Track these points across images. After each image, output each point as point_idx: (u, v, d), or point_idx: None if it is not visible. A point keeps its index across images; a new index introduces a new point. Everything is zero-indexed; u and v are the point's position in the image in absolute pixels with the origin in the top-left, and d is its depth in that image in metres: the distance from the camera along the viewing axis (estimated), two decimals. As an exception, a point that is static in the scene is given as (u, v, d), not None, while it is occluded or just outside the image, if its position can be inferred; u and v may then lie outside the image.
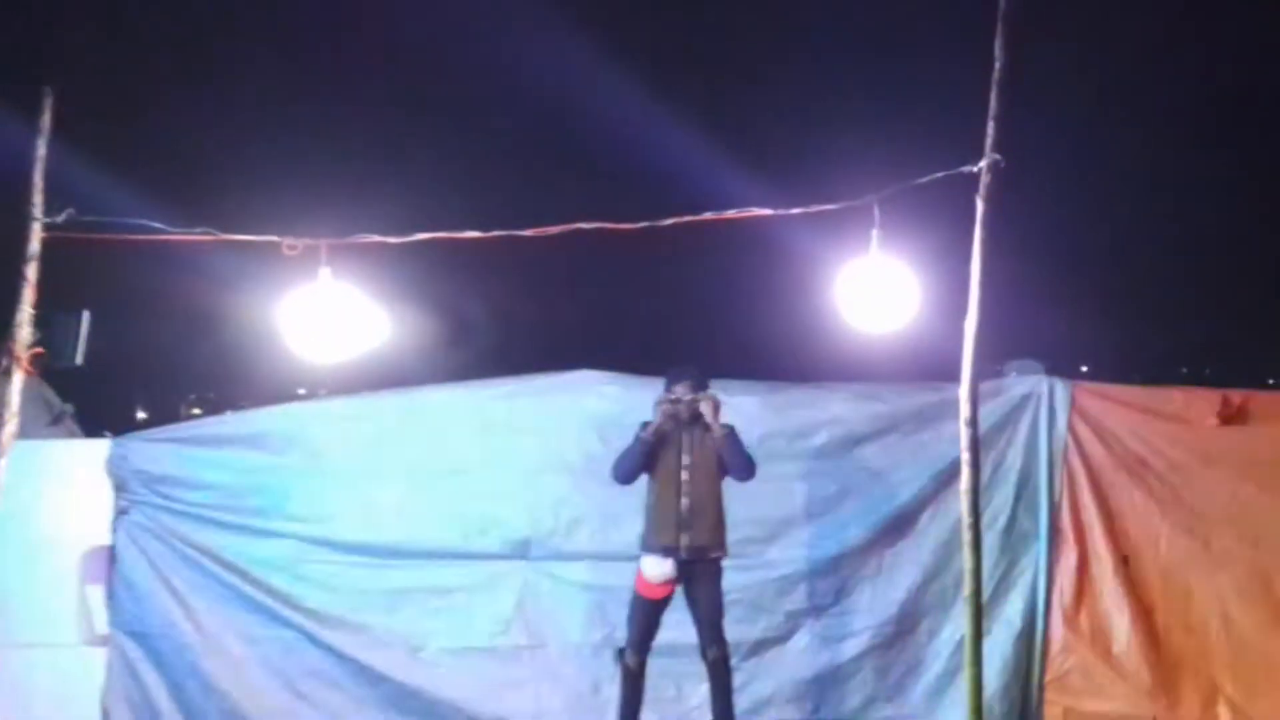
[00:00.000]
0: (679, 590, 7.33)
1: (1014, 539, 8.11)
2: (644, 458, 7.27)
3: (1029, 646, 8.08)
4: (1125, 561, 8.08)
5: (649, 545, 7.28)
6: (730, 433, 7.33)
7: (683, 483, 7.28)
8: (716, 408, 7.25)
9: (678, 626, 7.43)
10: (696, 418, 7.30)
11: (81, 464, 7.95)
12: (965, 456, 4.99)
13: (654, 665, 7.46)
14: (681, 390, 7.30)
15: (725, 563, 7.63)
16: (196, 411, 8.87)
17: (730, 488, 7.64)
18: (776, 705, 8.08)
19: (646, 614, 7.28)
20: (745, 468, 7.34)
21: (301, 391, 8.75)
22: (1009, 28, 4.86)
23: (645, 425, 7.33)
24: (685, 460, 7.28)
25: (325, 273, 5.45)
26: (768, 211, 5.30)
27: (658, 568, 7.21)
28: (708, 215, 5.27)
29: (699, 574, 7.25)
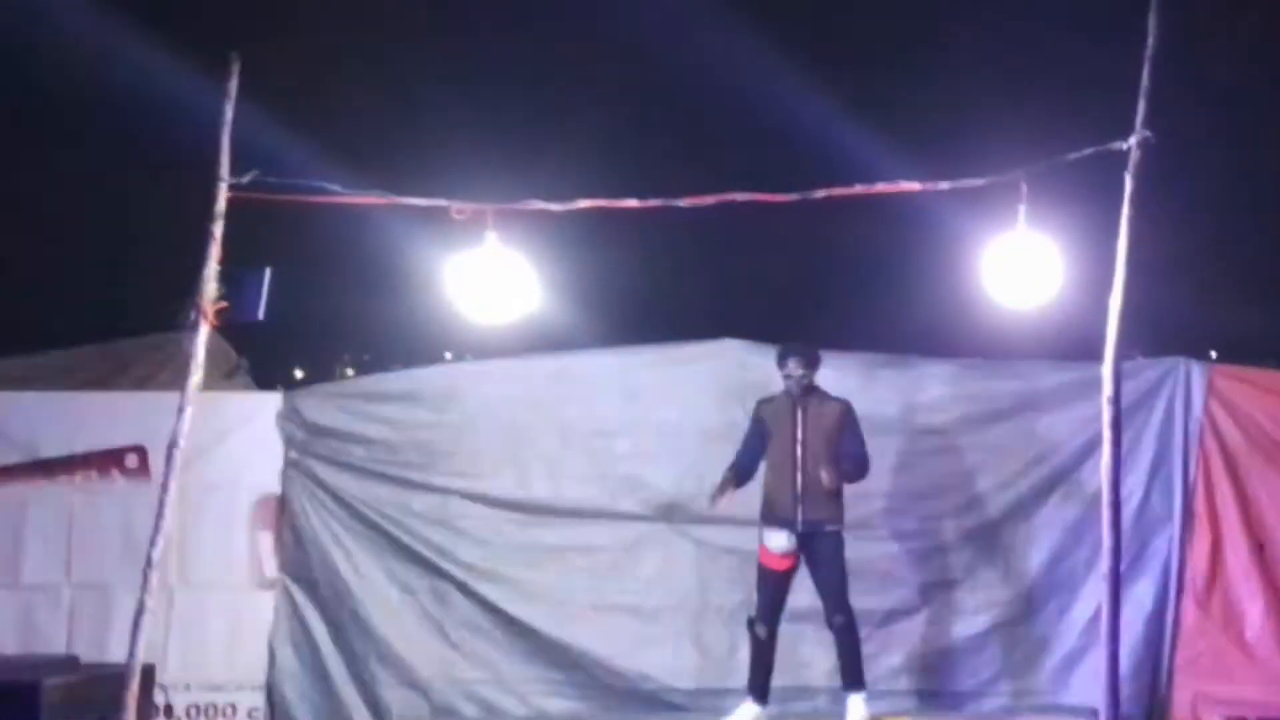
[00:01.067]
0: (802, 560, 7.27)
1: (1147, 521, 7.91)
2: (746, 464, 7.26)
3: (1160, 628, 7.88)
4: (1260, 548, 7.86)
5: (767, 518, 7.22)
6: (851, 433, 7.21)
7: (797, 459, 7.18)
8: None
9: (810, 593, 7.40)
10: (809, 391, 7.22)
11: (255, 416, 8.14)
12: (1107, 434, 4.87)
13: (785, 630, 7.44)
14: (793, 366, 7.22)
15: (860, 534, 7.59)
16: (350, 372, 9.02)
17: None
18: (905, 676, 8.00)
19: (772, 585, 7.23)
20: (859, 468, 7.22)
21: (448, 355, 8.85)
22: (1161, 2, 4.72)
23: (759, 404, 7.30)
24: (799, 436, 7.18)
25: (491, 237, 5.50)
26: (916, 186, 5.22)
27: (777, 540, 7.16)
28: (857, 188, 5.20)
29: (818, 546, 7.18)
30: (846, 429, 7.23)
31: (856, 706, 7.19)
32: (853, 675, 7.26)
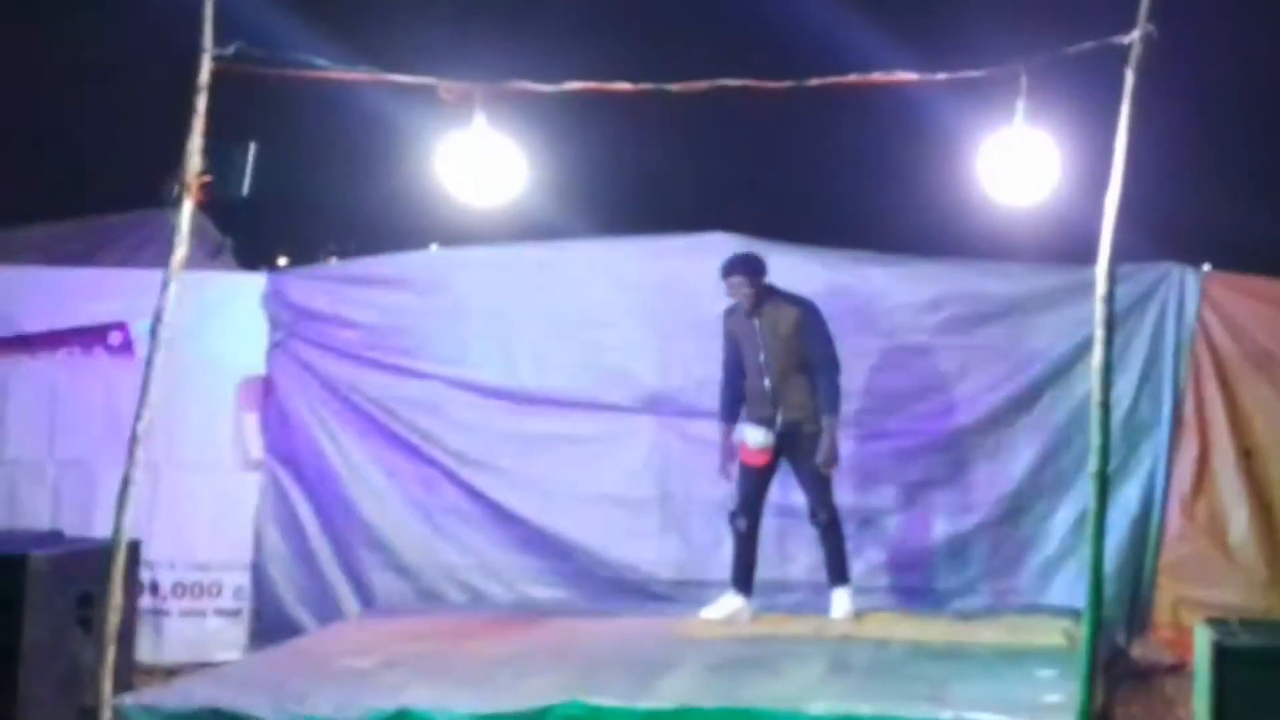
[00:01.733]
0: (786, 462, 7.31)
1: (1135, 425, 7.93)
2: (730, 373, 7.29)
3: (1144, 533, 7.93)
4: (1248, 455, 7.89)
5: (747, 417, 7.28)
6: (813, 335, 7.22)
7: (763, 367, 7.24)
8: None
9: (795, 489, 7.44)
10: (762, 299, 7.20)
11: (239, 297, 8.12)
12: (1099, 334, 4.84)
13: (769, 525, 7.49)
14: (735, 282, 7.20)
15: (846, 432, 7.62)
16: (334, 260, 8.99)
17: (853, 361, 7.59)
18: (890, 573, 8.08)
19: (751, 480, 7.29)
20: (827, 369, 7.22)
21: (434, 247, 8.83)
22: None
23: (724, 316, 7.34)
24: (761, 344, 7.23)
25: (479, 118, 5.44)
26: (913, 77, 5.15)
27: (754, 436, 7.22)
28: (853, 77, 5.13)
29: (798, 445, 7.23)
30: (806, 332, 7.22)
31: (841, 600, 7.28)
32: (837, 570, 7.34)
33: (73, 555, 6.29)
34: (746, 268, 7.23)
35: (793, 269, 8.04)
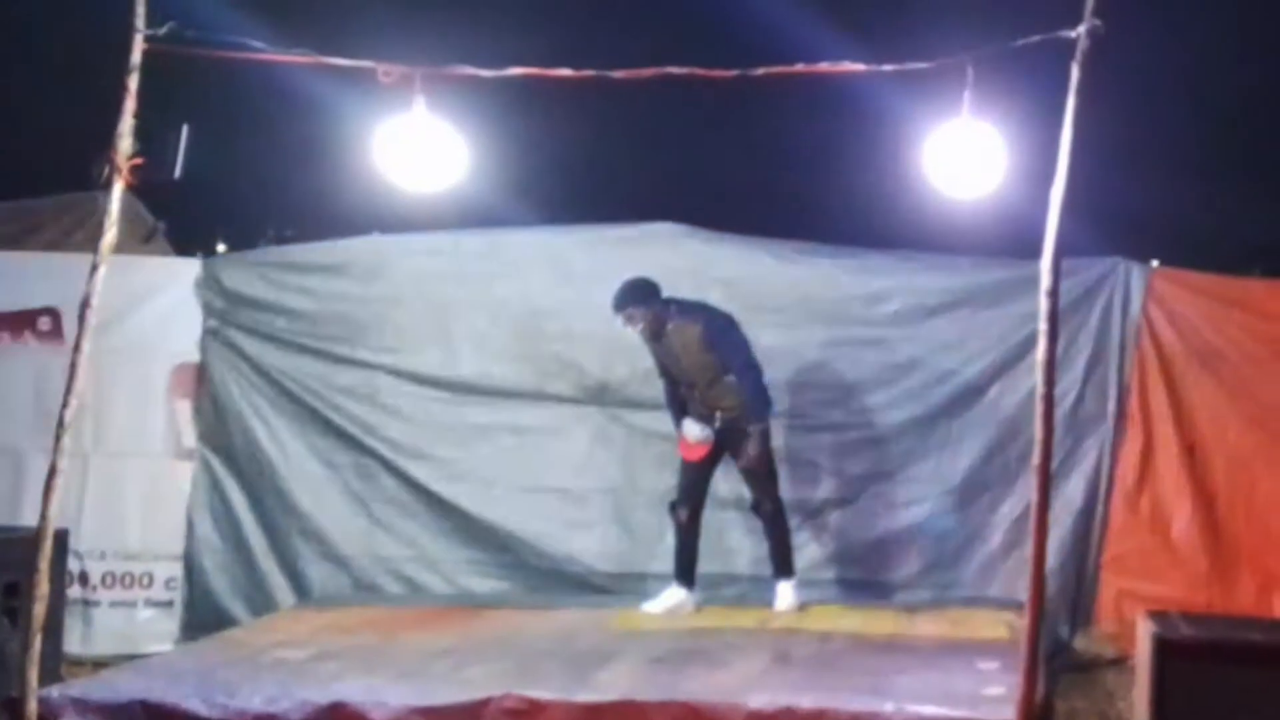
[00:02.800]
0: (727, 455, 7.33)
1: (1080, 420, 8.01)
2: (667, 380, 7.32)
3: (1088, 526, 8.02)
4: (1191, 450, 7.97)
5: (689, 413, 7.28)
6: (722, 348, 7.18)
7: (691, 384, 7.25)
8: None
9: (736, 481, 7.46)
10: (661, 326, 7.16)
11: (172, 282, 8.08)
12: (1043, 327, 4.87)
13: (712, 517, 7.51)
14: (629, 314, 7.13)
15: (793, 424, 7.77)
16: (273, 246, 8.96)
17: (800, 352, 7.61)
18: (834, 566, 8.12)
19: (690, 472, 7.31)
20: (747, 375, 7.18)
21: (375, 234, 8.80)
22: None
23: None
24: (678, 366, 7.23)
25: (419, 102, 5.40)
26: (860, 67, 5.15)
27: (691, 429, 7.24)
28: (799, 67, 5.13)
29: (737, 440, 7.24)
30: (713, 346, 7.17)
31: (785, 593, 7.31)
32: (782, 562, 7.36)
33: (-2, 544, 6.22)
34: (635, 297, 7.12)
35: (741, 260, 8.10)
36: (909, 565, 8.12)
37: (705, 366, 7.16)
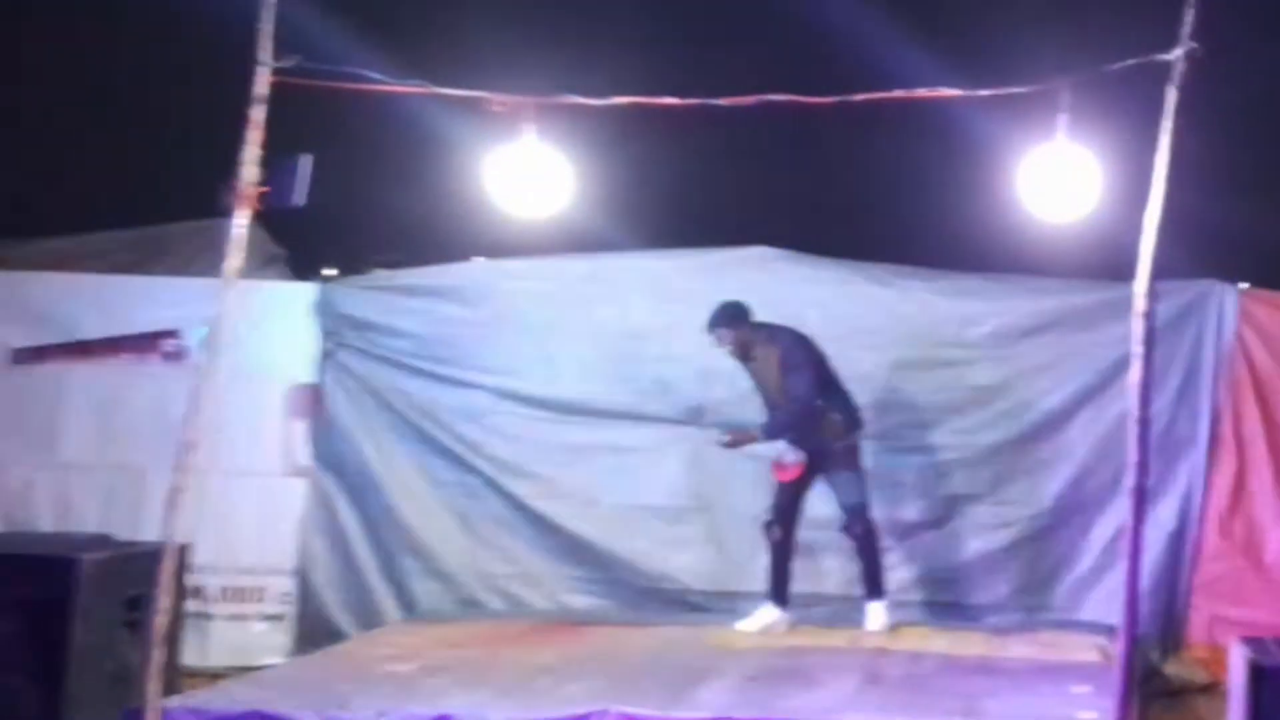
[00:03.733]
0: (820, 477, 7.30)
1: (1172, 443, 7.87)
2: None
3: (1180, 550, 7.90)
4: (1284, 473, 7.82)
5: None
6: (790, 375, 7.16)
7: (774, 407, 7.23)
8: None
9: (829, 503, 7.42)
10: (749, 348, 7.19)
11: (290, 305, 8.19)
12: (1137, 350, 4.80)
13: (806, 538, 7.47)
14: (719, 335, 7.18)
15: (886, 445, 7.75)
16: (380, 271, 9.08)
17: (893, 374, 7.59)
18: (927, 587, 8.06)
19: (784, 493, 7.28)
20: (790, 399, 7.15)
21: (480, 260, 8.91)
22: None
23: None
24: (765, 392, 7.23)
25: (529, 130, 5.47)
26: (957, 92, 5.13)
27: (786, 454, 7.21)
28: (897, 93, 5.13)
29: (831, 459, 7.21)
30: (787, 373, 7.16)
31: (876, 614, 7.25)
32: (873, 584, 7.30)
33: (121, 558, 6.32)
34: (723, 319, 7.16)
35: (835, 282, 8.10)
36: (999, 588, 8.03)
37: (783, 390, 7.15)
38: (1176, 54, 4.69)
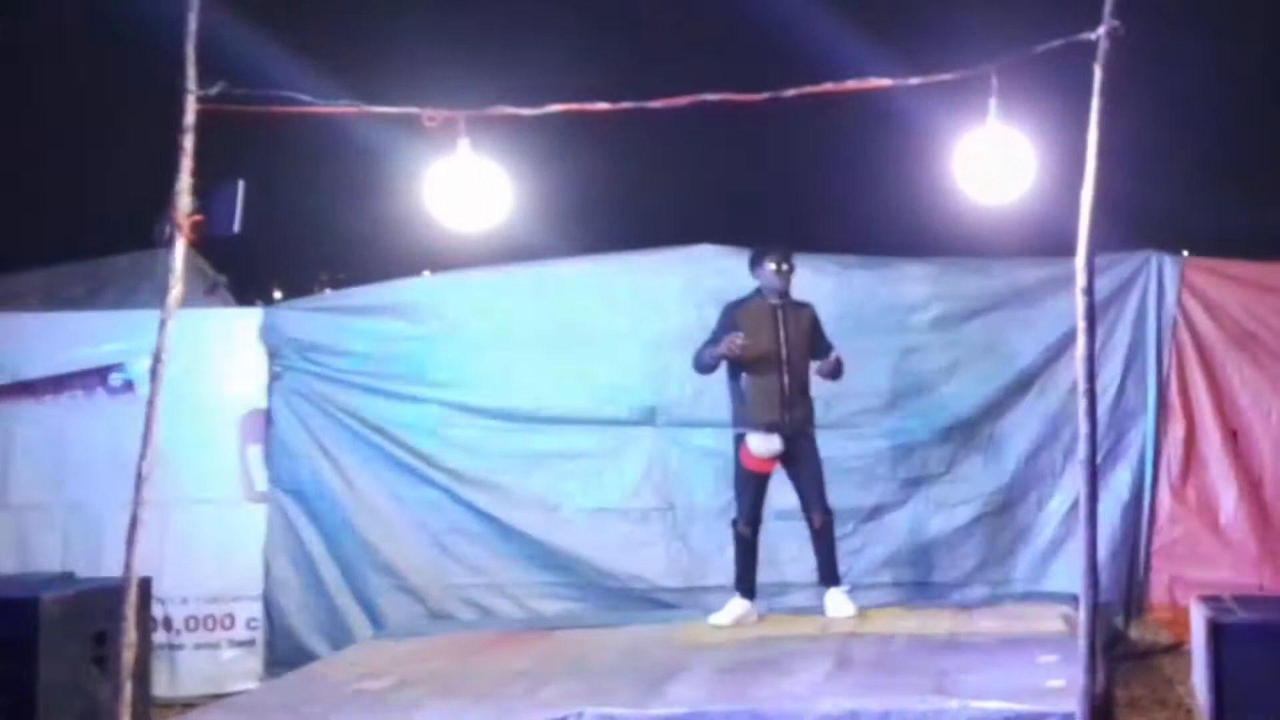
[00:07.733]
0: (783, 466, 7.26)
1: (1122, 412, 7.95)
2: (718, 361, 7.14)
3: (1136, 517, 7.94)
4: (1234, 435, 7.90)
5: (752, 423, 7.10)
6: (823, 335, 7.21)
7: (783, 363, 7.11)
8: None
9: (787, 493, 7.39)
10: (787, 293, 7.16)
11: (237, 331, 8.11)
12: (1081, 324, 4.82)
13: (768, 528, 7.44)
14: (790, 269, 7.14)
15: (842, 432, 7.75)
16: (328, 292, 9.01)
17: (845, 361, 7.57)
18: (892, 568, 8.08)
19: (755, 487, 7.22)
20: (839, 367, 7.19)
21: (426, 273, 8.85)
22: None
23: (730, 309, 7.17)
24: (784, 339, 7.12)
25: (464, 144, 5.42)
26: (887, 82, 5.14)
27: (764, 444, 7.10)
28: (828, 86, 5.12)
29: (799, 447, 7.17)
30: (819, 332, 7.22)
31: (835, 601, 7.23)
32: (829, 572, 7.29)
33: (85, 595, 6.26)
34: (789, 252, 7.16)
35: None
36: (963, 564, 8.05)
37: (805, 351, 7.13)
38: (1099, 33, 4.72)
